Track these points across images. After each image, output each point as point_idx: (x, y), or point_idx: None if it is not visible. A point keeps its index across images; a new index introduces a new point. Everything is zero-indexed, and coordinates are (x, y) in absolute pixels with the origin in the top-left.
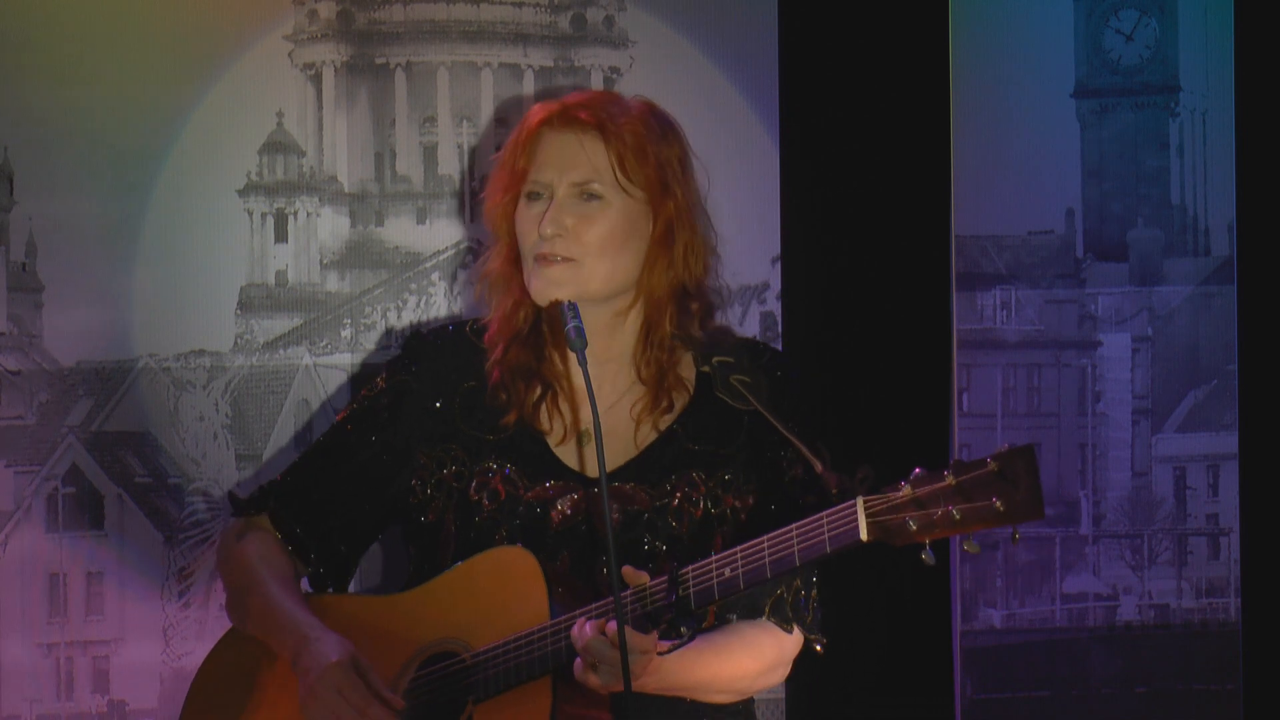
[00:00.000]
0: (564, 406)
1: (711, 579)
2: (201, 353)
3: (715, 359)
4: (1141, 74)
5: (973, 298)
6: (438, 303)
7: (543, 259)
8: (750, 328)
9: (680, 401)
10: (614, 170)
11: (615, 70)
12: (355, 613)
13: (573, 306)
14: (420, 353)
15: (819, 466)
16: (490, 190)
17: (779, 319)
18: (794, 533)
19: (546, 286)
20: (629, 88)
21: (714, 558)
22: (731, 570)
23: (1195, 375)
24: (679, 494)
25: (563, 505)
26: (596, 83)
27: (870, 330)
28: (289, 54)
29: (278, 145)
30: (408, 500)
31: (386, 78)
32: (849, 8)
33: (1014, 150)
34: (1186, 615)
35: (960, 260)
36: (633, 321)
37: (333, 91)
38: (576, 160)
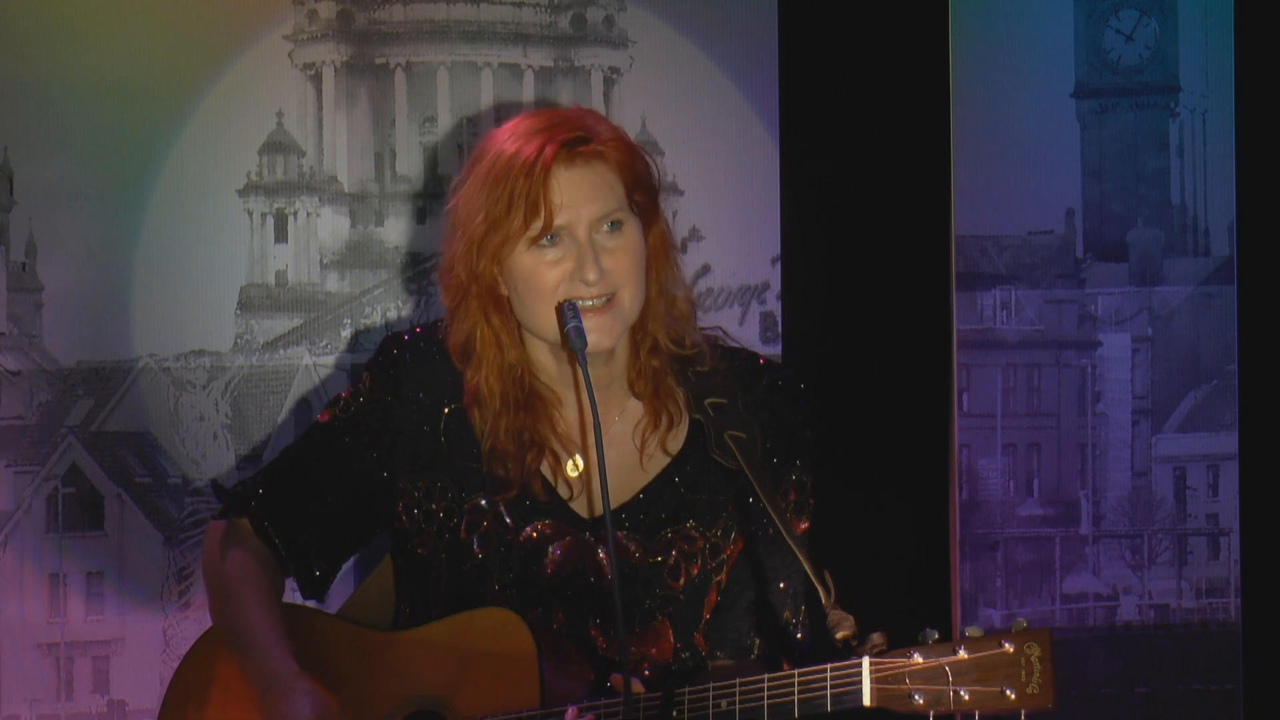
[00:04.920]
0: (569, 466)
1: (708, 708)
2: (201, 353)
3: (708, 402)
4: (1141, 74)
5: (973, 298)
6: (437, 303)
7: (582, 309)
8: (750, 327)
9: (679, 424)
10: (628, 194)
11: (615, 70)
12: (337, 644)
13: (572, 307)
14: (400, 370)
15: (824, 597)
16: (471, 248)
17: (779, 319)
18: (795, 680)
19: (601, 336)
20: (629, 87)
21: (711, 685)
22: (729, 704)
23: (1195, 375)
24: (674, 551)
25: (554, 550)
26: (596, 83)
27: (870, 330)
28: (289, 54)
29: (278, 145)
30: (392, 524)
31: (386, 78)
32: (849, 8)
33: (1014, 150)
34: (1186, 615)
35: (960, 260)
36: (623, 339)
37: (333, 91)
38: (596, 194)
